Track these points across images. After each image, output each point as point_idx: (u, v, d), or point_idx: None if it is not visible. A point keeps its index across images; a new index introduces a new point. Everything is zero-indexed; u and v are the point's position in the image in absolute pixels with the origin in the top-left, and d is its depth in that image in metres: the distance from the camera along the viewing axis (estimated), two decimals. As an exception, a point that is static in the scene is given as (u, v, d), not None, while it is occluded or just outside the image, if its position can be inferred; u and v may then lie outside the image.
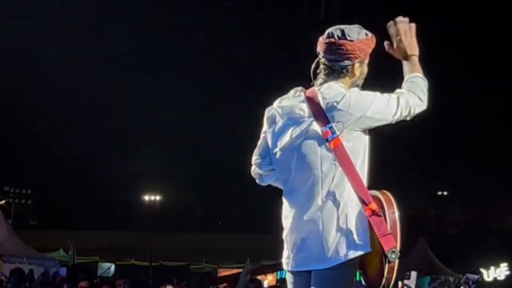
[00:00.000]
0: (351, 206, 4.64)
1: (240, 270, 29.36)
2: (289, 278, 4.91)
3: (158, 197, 45.40)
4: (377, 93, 4.76)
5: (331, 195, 4.66)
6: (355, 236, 4.61)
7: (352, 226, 4.62)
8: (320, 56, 4.92)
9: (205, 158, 44.92)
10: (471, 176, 41.14)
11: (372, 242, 4.62)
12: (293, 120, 4.83)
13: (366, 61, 4.94)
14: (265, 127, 5.05)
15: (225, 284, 16.20)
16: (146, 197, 45.19)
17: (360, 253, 4.61)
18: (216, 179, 44.54)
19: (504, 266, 31.09)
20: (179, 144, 44.38)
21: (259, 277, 19.10)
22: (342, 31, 4.84)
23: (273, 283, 25.08)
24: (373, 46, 4.93)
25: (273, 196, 5.10)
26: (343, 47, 4.81)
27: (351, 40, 4.81)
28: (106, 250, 36.78)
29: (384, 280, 4.63)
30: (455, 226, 46.59)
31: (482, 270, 30.21)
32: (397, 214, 4.64)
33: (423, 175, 43.95)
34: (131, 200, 46.12)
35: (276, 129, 4.93)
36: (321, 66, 4.91)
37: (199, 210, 46.59)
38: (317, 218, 4.66)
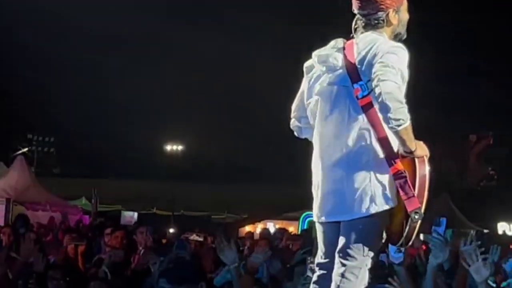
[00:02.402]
0: (376, 164, 4.64)
1: (263, 221, 29.59)
2: (318, 228, 4.99)
3: (180, 147, 45.52)
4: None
5: (358, 151, 4.67)
6: (378, 192, 4.64)
7: (376, 182, 4.64)
8: (356, 14, 4.90)
9: (229, 108, 44.90)
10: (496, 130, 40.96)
11: (397, 199, 4.63)
12: (328, 68, 4.84)
13: (403, 7, 4.88)
14: (303, 78, 5.05)
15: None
16: (169, 147, 45.30)
17: (382, 208, 4.65)
18: (240, 129, 44.54)
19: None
20: (203, 94, 44.35)
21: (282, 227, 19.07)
22: None
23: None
24: None
25: (297, 149, 5.07)
26: (372, 0, 4.76)
27: None
28: (128, 199, 36.93)
29: (403, 238, 4.69)
30: (478, 180, 46.47)
31: (505, 224, 30.14)
32: (427, 175, 4.62)
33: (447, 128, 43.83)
34: (154, 149, 46.26)
35: (312, 78, 4.95)
36: (359, 22, 4.89)
37: (221, 160, 46.65)
38: (344, 172, 4.70)
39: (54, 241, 13.67)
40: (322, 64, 4.88)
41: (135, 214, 30.42)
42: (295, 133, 5.21)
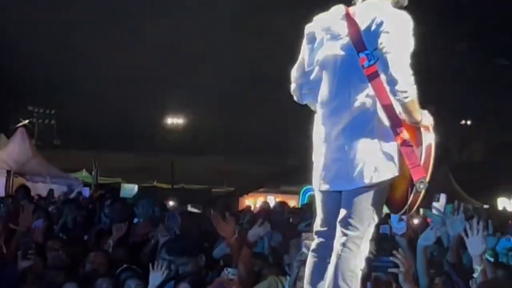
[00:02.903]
0: (381, 132, 4.62)
1: (262, 194, 29.63)
2: (318, 197, 4.97)
3: (181, 120, 45.51)
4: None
5: (362, 119, 4.64)
6: (382, 161, 4.62)
7: (380, 151, 4.62)
8: None
9: (230, 81, 44.73)
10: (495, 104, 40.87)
11: (401, 167, 4.63)
12: (332, 36, 4.81)
13: None
14: (304, 44, 5.01)
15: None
16: (170, 119, 45.30)
17: (385, 178, 4.64)
18: (240, 102, 44.46)
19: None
20: (204, 66, 44.19)
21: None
22: None
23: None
24: None
25: (297, 121, 5.05)
26: None
27: None
28: (129, 171, 36.95)
29: (406, 207, 4.68)
30: (479, 154, 46.43)
31: (505, 199, 30.13)
32: (433, 144, 4.64)
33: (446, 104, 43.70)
34: (155, 122, 46.22)
35: (315, 45, 4.91)
36: None
37: (222, 133, 46.61)
38: (347, 140, 4.68)
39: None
40: (325, 32, 4.84)
41: (135, 187, 30.42)
42: (295, 98, 5.17)
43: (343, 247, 4.67)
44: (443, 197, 7.11)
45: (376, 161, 4.60)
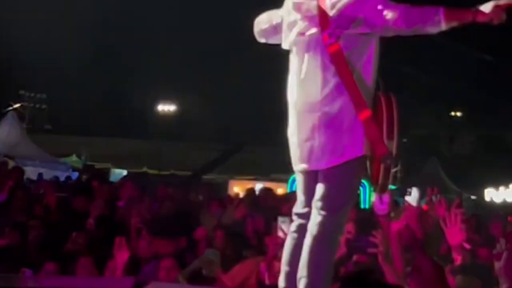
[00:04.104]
0: (348, 111, 4.66)
1: (251, 182, 29.68)
2: (297, 178, 5.01)
3: (172, 107, 45.45)
4: None
5: (331, 99, 4.70)
6: (351, 139, 4.66)
7: (347, 130, 4.67)
8: None
9: (221, 70, 44.67)
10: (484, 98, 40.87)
11: (369, 146, 4.67)
12: (303, 16, 4.89)
13: None
14: (283, 10, 5.10)
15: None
16: (161, 106, 45.24)
17: (356, 155, 4.68)
18: (231, 91, 44.39)
19: (512, 186, 31.02)
20: (196, 55, 44.10)
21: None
22: None
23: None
24: None
25: (286, 111, 5.08)
26: None
27: None
28: (119, 157, 36.93)
29: (379, 183, 4.73)
30: (467, 147, 46.56)
31: (492, 190, 30.27)
32: (395, 118, 4.65)
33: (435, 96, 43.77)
34: (146, 108, 46.14)
35: (288, 22, 5.00)
36: None
37: (212, 121, 46.54)
38: (317, 119, 4.73)
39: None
40: (299, 12, 4.93)
41: (124, 172, 30.50)
42: (255, 36, 5.38)
43: (318, 227, 4.69)
44: (415, 191, 7.14)
45: (346, 139, 4.66)
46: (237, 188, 27.41)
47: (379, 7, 4.58)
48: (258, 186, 27.42)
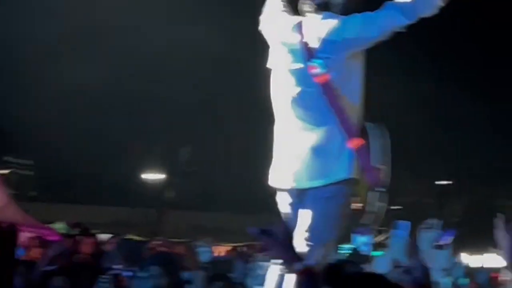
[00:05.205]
0: (336, 138, 4.72)
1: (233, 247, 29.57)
2: (279, 195, 5.01)
3: (158, 176, 45.36)
4: (356, 14, 4.82)
5: (317, 125, 4.78)
6: (337, 164, 4.69)
7: (335, 155, 4.71)
8: None
9: (204, 138, 44.64)
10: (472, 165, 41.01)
11: (357, 171, 4.73)
12: (286, 45, 4.99)
13: None
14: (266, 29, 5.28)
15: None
16: (146, 175, 45.17)
17: (338, 178, 4.68)
18: (215, 158, 44.42)
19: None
20: (184, 121, 44.06)
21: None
22: None
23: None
24: None
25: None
26: None
27: None
28: (105, 224, 36.80)
29: (365, 212, 4.75)
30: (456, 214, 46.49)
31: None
32: (383, 147, 4.73)
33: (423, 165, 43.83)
34: (132, 177, 45.97)
35: (273, 47, 5.13)
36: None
37: (197, 188, 46.37)
38: (304, 144, 4.79)
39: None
40: (281, 40, 5.05)
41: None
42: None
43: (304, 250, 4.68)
44: (404, 225, 7.14)
45: (333, 162, 4.69)
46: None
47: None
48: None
